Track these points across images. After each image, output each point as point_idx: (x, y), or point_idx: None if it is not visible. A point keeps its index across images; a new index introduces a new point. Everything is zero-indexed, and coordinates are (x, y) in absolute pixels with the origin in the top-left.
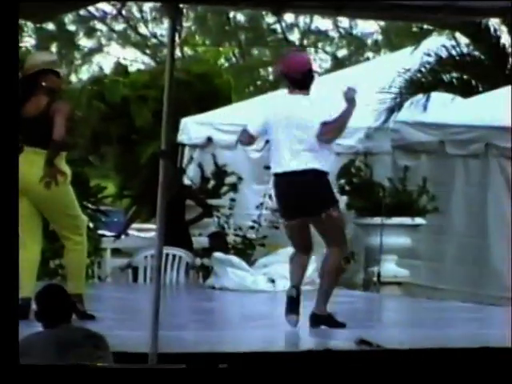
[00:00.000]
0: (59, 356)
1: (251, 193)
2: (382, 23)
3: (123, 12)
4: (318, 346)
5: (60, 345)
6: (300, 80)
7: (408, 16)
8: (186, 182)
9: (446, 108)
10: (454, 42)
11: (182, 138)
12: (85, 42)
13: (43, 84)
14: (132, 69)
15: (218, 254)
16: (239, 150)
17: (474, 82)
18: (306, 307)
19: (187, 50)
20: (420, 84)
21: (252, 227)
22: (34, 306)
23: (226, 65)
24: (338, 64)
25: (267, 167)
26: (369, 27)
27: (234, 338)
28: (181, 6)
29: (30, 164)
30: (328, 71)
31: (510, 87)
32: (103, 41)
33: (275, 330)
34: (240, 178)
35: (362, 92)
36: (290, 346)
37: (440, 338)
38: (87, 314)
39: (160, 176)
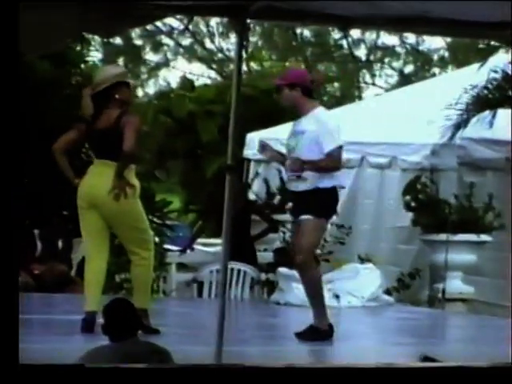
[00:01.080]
0: None
1: None
2: (449, 39)
3: (190, 27)
4: (381, 362)
5: (125, 359)
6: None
7: (474, 33)
8: (252, 197)
9: None
10: None
11: (247, 152)
12: (151, 57)
13: (116, 97)
14: (198, 83)
15: (282, 270)
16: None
17: None
18: (369, 323)
19: (254, 65)
20: (486, 100)
21: None
22: (100, 320)
23: None
24: (405, 80)
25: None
26: (435, 43)
27: (297, 354)
28: (248, 21)
29: (100, 176)
30: (394, 87)
31: None
32: (170, 55)
33: (339, 345)
34: None
35: (428, 108)
36: (354, 361)
37: (504, 355)
38: (152, 329)
39: (226, 191)
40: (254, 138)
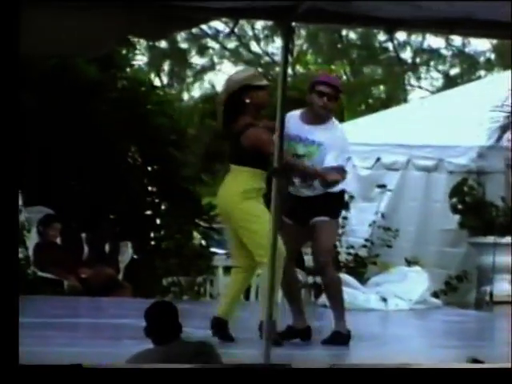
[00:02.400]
0: None
1: (360, 210)
2: (495, 41)
3: (235, 30)
4: (429, 364)
5: (170, 361)
6: None
7: None
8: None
9: None
10: None
11: None
12: (197, 60)
13: (247, 101)
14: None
15: None
16: (348, 167)
17: None
18: (417, 326)
19: (299, 68)
20: None
21: (364, 245)
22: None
23: None
24: (450, 82)
25: (380, 186)
26: (481, 45)
27: (343, 356)
28: (293, 24)
29: (234, 182)
30: (440, 89)
31: None
32: (215, 59)
33: (387, 348)
34: (352, 197)
35: (474, 110)
36: (401, 364)
37: None
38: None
39: (272, 194)
40: None
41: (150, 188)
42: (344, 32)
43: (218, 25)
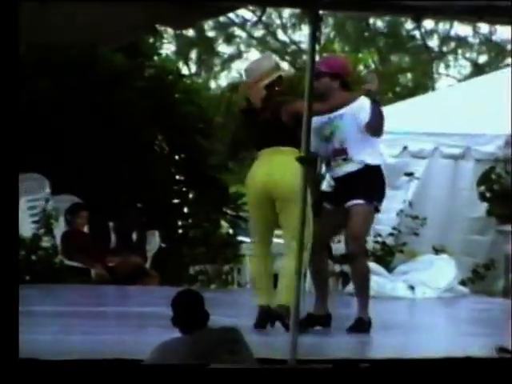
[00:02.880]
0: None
1: (387, 199)
2: None
3: (263, 18)
4: (457, 353)
5: (194, 352)
6: None
7: None
8: (326, 188)
9: None
10: None
11: None
12: (224, 49)
13: (277, 89)
14: None
15: None
16: (375, 153)
17: None
18: (444, 314)
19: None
20: None
21: (391, 234)
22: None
23: (365, 71)
24: (478, 70)
25: (408, 174)
26: (508, 33)
27: (371, 345)
28: (320, 12)
29: (288, 165)
30: (467, 77)
31: None
32: (242, 47)
33: (415, 336)
34: None
35: (502, 99)
36: (426, 353)
37: None
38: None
39: (300, 182)
40: None
41: (177, 176)
42: (371, 20)
43: (245, 13)
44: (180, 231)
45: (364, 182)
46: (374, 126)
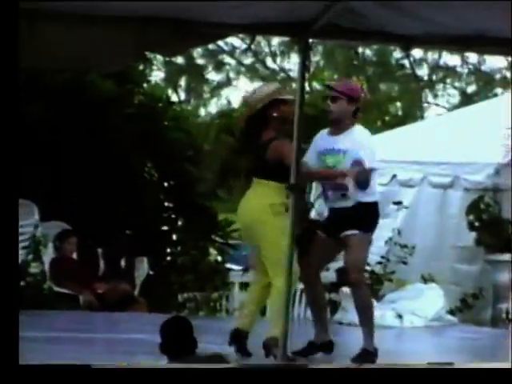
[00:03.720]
0: None
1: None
2: (510, 59)
3: (252, 46)
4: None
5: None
6: None
7: None
8: (315, 216)
9: None
10: None
11: None
12: (213, 76)
13: (274, 115)
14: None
15: (346, 289)
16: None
17: None
18: (432, 343)
19: (315, 85)
20: None
21: (380, 262)
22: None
23: None
24: (467, 100)
25: (396, 202)
26: (497, 63)
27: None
28: (310, 40)
29: (259, 196)
30: (456, 107)
31: None
32: (232, 74)
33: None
34: None
35: (491, 128)
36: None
37: None
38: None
39: (290, 210)
40: None
41: (166, 203)
42: (360, 49)
43: (234, 41)
44: (168, 258)
45: (360, 215)
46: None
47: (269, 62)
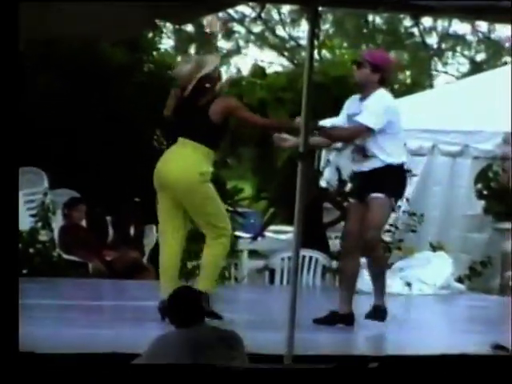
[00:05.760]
0: (193, 356)
1: None
2: None
3: (262, 14)
4: (453, 350)
5: (193, 345)
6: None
7: None
8: (324, 184)
9: None
10: None
11: None
12: (223, 44)
13: (206, 86)
14: (269, 71)
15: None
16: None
17: None
18: (440, 311)
19: (325, 53)
20: None
21: (389, 230)
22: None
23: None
24: (476, 68)
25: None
26: (507, 31)
27: (367, 341)
28: (319, 8)
29: (189, 160)
30: (465, 75)
31: None
32: (241, 43)
33: (410, 333)
34: None
35: (500, 96)
36: (422, 350)
37: None
38: (214, 314)
39: (298, 178)
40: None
41: None
42: (370, 17)
43: (244, 9)
44: None
45: (384, 178)
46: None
47: (278, 30)
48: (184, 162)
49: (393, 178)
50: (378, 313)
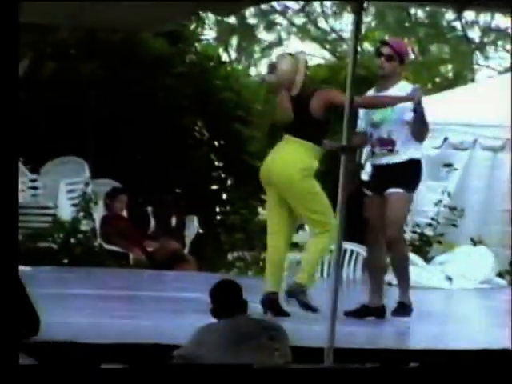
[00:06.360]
0: (235, 347)
1: (428, 190)
2: None
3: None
4: (494, 345)
5: (236, 335)
6: None
7: None
8: (365, 177)
9: None
10: None
11: None
12: (265, 36)
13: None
14: (311, 63)
15: None
16: (420, 147)
17: None
18: (481, 306)
19: (367, 46)
20: None
21: (430, 224)
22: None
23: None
24: None
25: (447, 165)
26: None
27: (408, 335)
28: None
29: (292, 156)
30: (508, 69)
31: None
32: (283, 35)
33: (452, 327)
34: None
35: None
36: (463, 344)
37: None
38: (309, 306)
39: (340, 171)
40: None
41: (216, 163)
42: (412, 10)
43: (286, 1)
44: (218, 217)
45: (404, 173)
46: (419, 133)
47: (321, 22)
48: (286, 159)
49: (412, 173)
50: (403, 309)
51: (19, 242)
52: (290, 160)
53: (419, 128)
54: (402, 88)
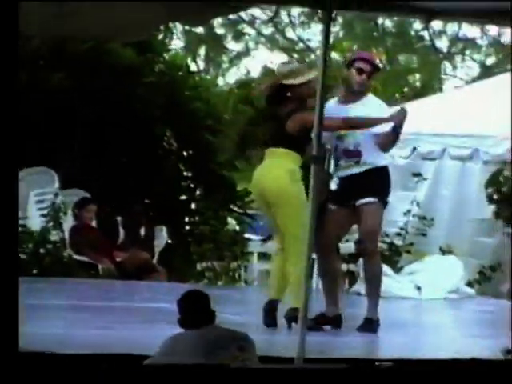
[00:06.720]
0: (204, 356)
1: (397, 199)
2: None
3: (273, 17)
4: (463, 354)
5: (204, 345)
6: None
7: None
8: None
9: None
10: None
11: None
12: (233, 46)
13: (288, 95)
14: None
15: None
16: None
17: None
18: (450, 316)
19: (335, 56)
20: None
21: (399, 234)
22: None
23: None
24: (486, 72)
25: (416, 174)
26: None
27: (377, 344)
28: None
29: (277, 164)
30: (475, 79)
31: None
32: (251, 45)
33: (420, 337)
34: None
35: (509, 100)
36: (432, 354)
37: None
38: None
39: (311, 181)
40: None
41: (185, 173)
42: (380, 20)
43: (254, 11)
44: (187, 227)
45: (373, 181)
46: (386, 145)
47: (288, 32)
48: (270, 167)
49: (381, 180)
50: (370, 325)
51: None
52: (275, 167)
53: (390, 142)
54: (368, 102)
